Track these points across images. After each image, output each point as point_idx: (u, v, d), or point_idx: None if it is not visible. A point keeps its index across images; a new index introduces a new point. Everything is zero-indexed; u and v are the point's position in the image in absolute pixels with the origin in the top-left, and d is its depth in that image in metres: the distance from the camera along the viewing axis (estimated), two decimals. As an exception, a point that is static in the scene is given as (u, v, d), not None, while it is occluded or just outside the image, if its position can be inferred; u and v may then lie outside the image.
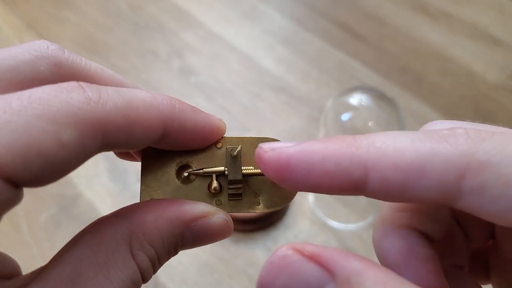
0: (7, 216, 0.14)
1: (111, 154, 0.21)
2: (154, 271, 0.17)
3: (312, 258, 0.14)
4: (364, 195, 0.16)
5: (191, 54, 0.73)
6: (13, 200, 0.14)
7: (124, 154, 0.21)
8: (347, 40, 0.74)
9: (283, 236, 0.53)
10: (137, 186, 0.56)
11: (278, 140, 0.20)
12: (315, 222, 0.54)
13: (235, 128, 0.62)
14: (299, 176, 0.15)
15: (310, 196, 0.56)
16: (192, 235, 0.18)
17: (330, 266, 0.14)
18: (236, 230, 0.52)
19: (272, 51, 0.73)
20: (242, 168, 0.19)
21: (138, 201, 0.19)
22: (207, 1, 0.81)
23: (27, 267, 0.18)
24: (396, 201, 0.16)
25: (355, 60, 0.71)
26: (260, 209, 0.20)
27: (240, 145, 0.19)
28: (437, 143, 0.14)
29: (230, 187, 0.19)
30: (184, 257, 0.51)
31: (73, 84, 0.15)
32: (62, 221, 0.53)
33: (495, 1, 0.81)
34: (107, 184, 0.57)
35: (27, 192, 0.15)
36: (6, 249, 0.17)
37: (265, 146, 0.16)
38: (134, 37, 0.76)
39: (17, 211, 0.53)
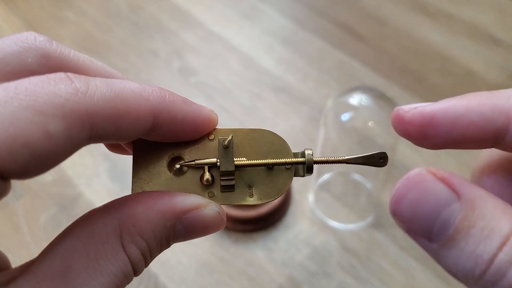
0: (7, 216, 0.14)
1: (111, 154, 0.21)
2: (146, 264, 0.17)
3: (443, 180, 0.16)
4: (498, 147, 0.17)
5: (191, 54, 0.73)
6: (1, 192, 0.14)
7: (116, 147, 0.21)
8: (347, 40, 0.74)
9: (283, 236, 0.53)
10: (137, 186, 0.56)
11: (273, 132, 0.20)
12: (315, 222, 0.54)
13: (235, 128, 0.62)
14: (444, 130, 0.16)
15: (310, 196, 0.56)
16: (184, 228, 0.18)
17: (458, 189, 0.15)
18: (236, 230, 0.52)
19: (272, 51, 0.73)
20: (235, 159, 0.19)
21: (130, 193, 0.19)
22: (207, 1, 0.81)
23: (27, 267, 0.18)
24: None
25: (355, 60, 0.71)
26: (253, 201, 0.19)
27: (231, 135, 0.19)
28: None
29: (222, 178, 0.19)
30: (184, 257, 0.51)
31: (60, 75, 0.15)
32: (62, 221, 0.53)
33: (495, 1, 0.81)
34: (107, 184, 0.57)
35: (27, 192, 0.15)
36: (5, 249, 0.17)
37: (403, 107, 0.17)
38: (134, 37, 0.76)
39: (17, 211, 0.53)
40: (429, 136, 0.17)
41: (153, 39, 0.75)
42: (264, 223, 0.53)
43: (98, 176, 0.57)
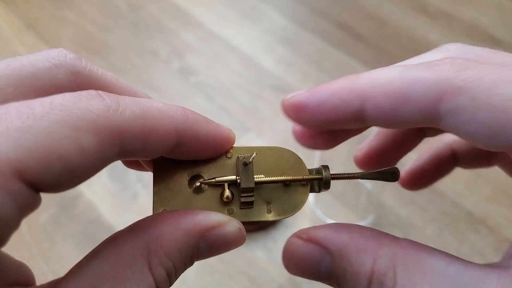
0: (6, 216, 0.14)
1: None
2: (170, 284, 0.18)
3: (311, 241, 0.18)
4: (366, 125, 0.19)
5: (191, 54, 0.73)
6: (33, 204, 0.14)
7: (132, 163, 0.21)
8: (347, 40, 0.74)
9: (283, 236, 0.53)
10: (137, 186, 0.56)
11: (290, 150, 0.21)
12: (315, 222, 0.54)
13: (235, 128, 0.62)
14: (312, 114, 0.19)
15: (310, 196, 0.56)
16: (208, 245, 0.18)
17: (326, 244, 0.18)
18: (236, 230, 0.52)
19: (272, 51, 0.73)
20: (254, 176, 0.19)
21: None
22: (207, 1, 0.81)
23: (26, 267, 0.18)
24: (392, 127, 0.19)
25: (355, 60, 0.71)
26: (271, 217, 0.20)
27: (255, 152, 0.20)
28: (422, 71, 0.17)
29: (242, 195, 0.19)
30: (184, 257, 0.51)
31: (92, 92, 0.15)
32: (62, 221, 0.53)
33: (495, 1, 0.81)
34: (107, 184, 0.57)
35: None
36: (5, 249, 0.17)
37: (287, 96, 0.20)
38: (134, 37, 0.76)
39: (17, 211, 0.53)
40: (302, 119, 0.19)
41: (153, 39, 0.75)
42: (264, 223, 0.53)
43: (98, 176, 0.57)
